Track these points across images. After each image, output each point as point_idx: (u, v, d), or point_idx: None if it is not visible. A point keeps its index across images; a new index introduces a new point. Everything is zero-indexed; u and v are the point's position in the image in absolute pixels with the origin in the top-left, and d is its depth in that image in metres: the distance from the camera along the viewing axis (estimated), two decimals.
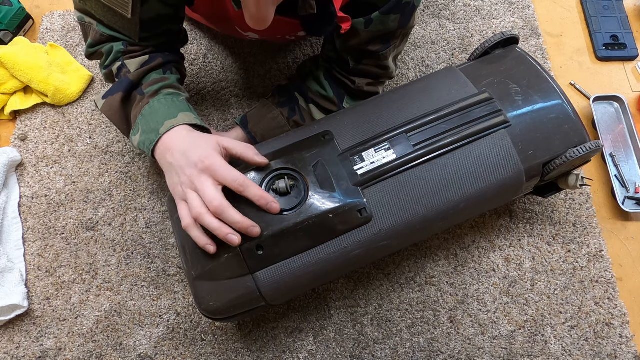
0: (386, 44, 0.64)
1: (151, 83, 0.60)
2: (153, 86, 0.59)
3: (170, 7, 0.60)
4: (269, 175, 0.57)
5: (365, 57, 0.66)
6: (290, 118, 0.70)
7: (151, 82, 0.60)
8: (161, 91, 0.59)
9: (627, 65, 0.88)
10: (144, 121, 0.57)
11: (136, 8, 0.56)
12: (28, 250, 0.75)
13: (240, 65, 0.87)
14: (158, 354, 0.68)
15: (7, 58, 0.81)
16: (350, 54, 0.67)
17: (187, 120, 0.56)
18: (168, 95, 0.59)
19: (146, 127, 0.57)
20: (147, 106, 0.58)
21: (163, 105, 0.58)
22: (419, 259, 0.73)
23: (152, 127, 0.56)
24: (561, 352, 0.67)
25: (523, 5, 0.92)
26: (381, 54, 0.65)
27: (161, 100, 0.58)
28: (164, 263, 0.73)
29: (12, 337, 0.70)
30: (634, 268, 0.73)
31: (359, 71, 0.68)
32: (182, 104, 0.59)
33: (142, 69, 0.60)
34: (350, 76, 0.68)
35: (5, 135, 0.84)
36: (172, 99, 0.59)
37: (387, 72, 0.69)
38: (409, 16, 0.62)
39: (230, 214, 0.49)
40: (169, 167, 0.54)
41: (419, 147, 0.57)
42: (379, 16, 0.60)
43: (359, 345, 0.68)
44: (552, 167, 0.59)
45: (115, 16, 0.58)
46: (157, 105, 0.57)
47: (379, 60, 0.66)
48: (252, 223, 0.51)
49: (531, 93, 0.61)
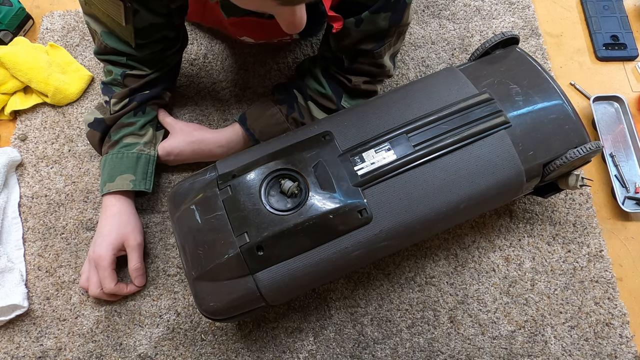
0: (380, 42, 0.64)
1: (117, 128, 0.71)
2: (117, 133, 0.71)
3: (162, 17, 0.64)
4: (269, 176, 0.57)
5: (359, 55, 0.66)
6: (289, 115, 0.70)
7: (117, 126, 0.71)
8: (121, 141, 0.70)
9: (627, 65, 0.88)
10: (101, 169, 0.71)
11: (129, 18, 0.61)
12: (28, 250, 0.75)
13: (240, 65, 0.87)
14: (158, 354, 0.68)
15: (7, 58, 0.80)
16: (345, 53, 0.67)
17: (121, 187, 0.69)
18: (122, 147, 0.70)
19: (101, 176, 0.71)
20: (106, 157, 0.70)
21: (112, 162, 0.69)
22: (419, 259, 0.73)
23: (102, 180, 0.70)
24: (561, 352, 0.67)
25: (523, 5, 0.92)
26: (375, 52, 0.65)
27: (113, 156, 0.70)
28: (164, 263, 0.73)
29: (12, 337, 0.70)
30: (634, 268, 0.73)
31: (355, 70, 0.68)
32: (130, 159, 0.70)
33: (118, 114, 0.70)
34: (346, 75, 0.68)
35: (5, 135, 0.84)
36: (122, 154, 0.70)
37: (384, 71, 0.69)
38: (400, 13, 0.62)
39: (120, 294, 0.69)
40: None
41: (419, 147, 0.57)
42: (368, 15, 0.60)
43: (359, 345, 0.68)
44: (552, 168, 0.59)
45: (114, 22, 0.63)
46: (109, 161, 0.70)
47: (373, 58, 0.66)
48: (135, 290, 0.70)
49: (531, 93, 0.61)
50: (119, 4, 0.60)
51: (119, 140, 0.70)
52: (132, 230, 0.69)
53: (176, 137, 0.74)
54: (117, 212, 0.69)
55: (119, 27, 0.64)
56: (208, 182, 0.59)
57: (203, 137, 0.73)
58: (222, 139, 0.73)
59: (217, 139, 0.73)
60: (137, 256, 0.69)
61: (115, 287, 0.66)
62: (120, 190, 0.69)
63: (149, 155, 0.72)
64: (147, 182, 0.71)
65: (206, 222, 0.56)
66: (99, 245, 0.66)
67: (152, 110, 0.75)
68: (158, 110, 0.76)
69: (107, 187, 0.69)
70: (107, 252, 0.66)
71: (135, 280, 0.69)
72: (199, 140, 0.73)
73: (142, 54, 0.69)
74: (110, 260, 0.66)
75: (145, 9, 0.61)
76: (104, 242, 0.66)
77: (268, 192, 0.56)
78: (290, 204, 0.55)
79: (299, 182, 0.56)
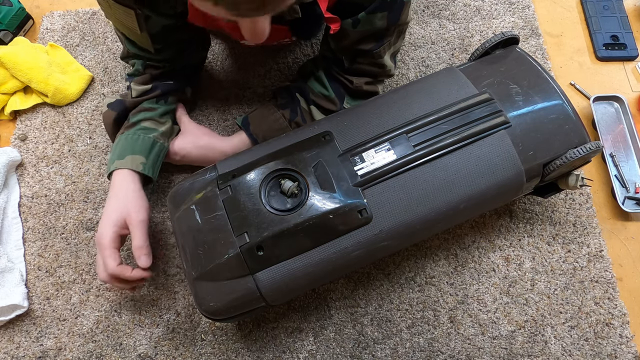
0: (379, 41, 0.64)
1: (137, 111, 0.70)
2: (136, 116, 0.69)
3: (171, 18, 0.64)
4: (269, 176, 0.57)
5: (359, 56, 0.66)
6: (292, 120, 0.70)
7: (138, 110, 0.70)
8: (139, 123, 0.69)
9: (627, 65, 0.88)
10: (113, 147, 0.69)
11: (142, 25, 0.63)
12: (28, 250, 0.75)
13: (240, 65, 0.87)
14: (158, 354, 0.68)
15: (7, 58, 0.80)
16: (344, 54, 0.67)
17: (130, 166, 0.66)
18: (140, 129, 0.68)
19: (111, 154, 0.68)
20: (121, 136, 0.68)
21: (126, 141, 0.67)
22: (419, 259, 0.73)
23: (111, 158, 0.67)
24: (561, 352, 0.67)
25: (523, 5, 0.92)
26: (375, 52, 0.65)
27: (129, 136, 0.67)
28: (164, 263, 0.73)
29: (12, 337, 0.70)
30: (634, 268, 0.73)
31: (355, 70, 0.68)
32: (145, 142, 0.67)
33: (139, 99, 0.70)
34: (348, 75, 0.68)
35: (5, 135, 0.84)
36: (139, 136, 0.67)
37: (385, 70, 0.69)
38: (398, 12, 0.61)
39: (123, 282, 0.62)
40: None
41: (419, 147, 0.57)
42: (365, 16, 0.60)
43: (359, 345, 0.68)
44: (552, 168, 0.59)
45: (131, 32, 0.66)
46: (123, 140, 0.67)
47: (373, 58, 0.66)
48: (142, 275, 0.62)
49: (531, 93, 0.61)
50: (130, 12, 0.61)
51: (138, 122, 0.69)
52: (135, 206, 0.64)
53: (185, 138, 0.73)
54: (121, 190, 0.65)
55: (136, 36, 0.66)
56: (208, 182, 0.59)
57: (211, 144, 0.73)
58: (229, 148, 0.72)
59: (224, 147, 0.73)
60: (140, 234, 0.63)
61: (118, 267, 0.60)
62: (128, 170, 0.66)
63: (163, 146, 0.70)
64: (156, 170, 0.69)
65: (206, 222, 0.56)
66: (101, 224, 0.63)
67: (173, 103, 0.74)
68: (178, 105, 0.76)
69: (116, 164, 0.65)
70: (108, 229, 0.62)
71: (139, 260, 0.62)
72: (207, 146, 0.73)
73: (162, 56, 0.70)
74: (111, 237, 0.61)
75: (155, 13, 0.62)
76: (105, 220, 0.63)
77: (268, 192, 0.56)
78: (290, 204, 0.55)
79: (299, 182, 0.56)
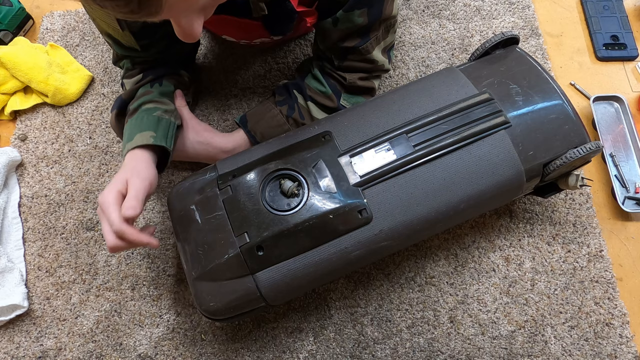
0: (364, 37, 0.64)
1: (136, 99, 0.68)
2: (136, 102, 0.67)
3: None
4: (269, 176, 0.57)
5: (347, 53, 0.66)
6: (289, 116, 0.70)
7: (136, 97, 0.68)
8: (141, 107, 0.66)
9: (627, 65, 0.88)
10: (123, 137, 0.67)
11: (122, 23, 0.63)
12: (28, 250, 0.75)
13: (240, 65, 0.87)
14: (158, 354, 0.68)
15: (7, 58, 0.81)
16: (332, 52, 0.67)
17: (140, 142, 0.62)
18: (143, 111, 0.66)
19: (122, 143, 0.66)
20: (126, 125, 0.66)
21: (132, 125, 0.65)
22: (419, 259, 0.73)
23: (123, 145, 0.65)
24: (561, 352, 0.67)
25: (523, 5, 0.92)
26: (361, 48, 0.65)
27: (133, 120, 0.65)
28: (164, 263, 0.73)
29: (12, 337, 0.70)
30: (634, 268, 0.73)
31: (347, 67, 0.68)
32: (151, 119, 0.64)
33: (134, 87, 0.69)
34: (340, 72, 0.69)
35: (5, 135, 0.84)
36: (143, 117, 0.65)
37: (376, 66, 0.69)
38: (379, 7, 0.61)
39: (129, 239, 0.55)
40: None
41: (419, 147, 0.57)
42: (343, 14, 0.60)
43: (359, 345, 0.68)
44: (552, 168, 0.59)
45: (116, 31, 0.65)
46: (128, 126, 0.65)
47: (361, 54, 0.66)
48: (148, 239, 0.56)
49: (531, 93, 0.61)
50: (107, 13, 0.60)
51: (139, 107, 0.66)
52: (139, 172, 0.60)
53: (185, 133, 0.72)
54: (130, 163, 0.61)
55: (119, 35, 0.65)
56: (208, 182, 0.59)
57: (211, 140, 0.72)
58: (228, 145, 0.72)
59: (223, 145, 0.72)
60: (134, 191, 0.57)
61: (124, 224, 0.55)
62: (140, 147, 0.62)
63: (170, 121, 0.66)
64: (169, 140, 0.64)
65: (206, 222, 0.56)
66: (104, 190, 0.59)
67: (170, 84, 0.71)
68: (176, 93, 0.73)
69: (127, 147, 0.63)
70: (110, 189, 0.57)
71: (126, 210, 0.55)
72: (206, 142, 0.72)
73: (150, 52, 0.69)
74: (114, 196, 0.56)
75: None
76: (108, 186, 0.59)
77: (268, 192, 0.56)
78: (290, 204, 0.55)
79: (299, 182, 0.56)
